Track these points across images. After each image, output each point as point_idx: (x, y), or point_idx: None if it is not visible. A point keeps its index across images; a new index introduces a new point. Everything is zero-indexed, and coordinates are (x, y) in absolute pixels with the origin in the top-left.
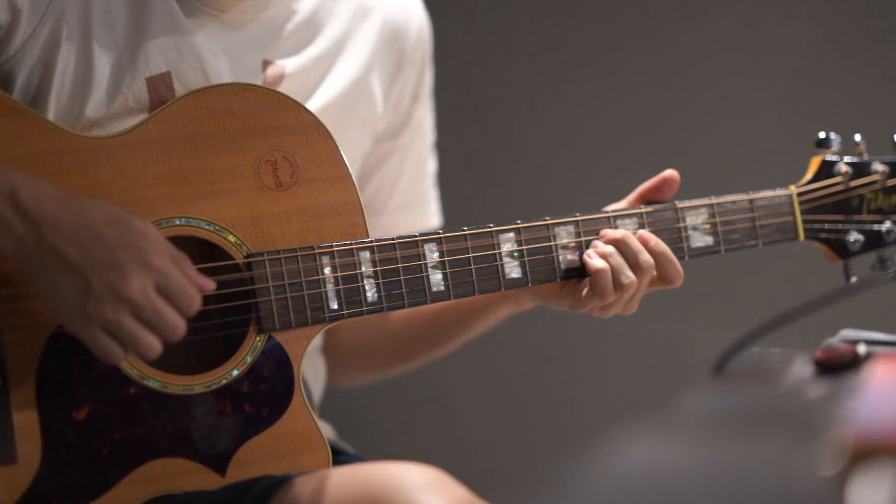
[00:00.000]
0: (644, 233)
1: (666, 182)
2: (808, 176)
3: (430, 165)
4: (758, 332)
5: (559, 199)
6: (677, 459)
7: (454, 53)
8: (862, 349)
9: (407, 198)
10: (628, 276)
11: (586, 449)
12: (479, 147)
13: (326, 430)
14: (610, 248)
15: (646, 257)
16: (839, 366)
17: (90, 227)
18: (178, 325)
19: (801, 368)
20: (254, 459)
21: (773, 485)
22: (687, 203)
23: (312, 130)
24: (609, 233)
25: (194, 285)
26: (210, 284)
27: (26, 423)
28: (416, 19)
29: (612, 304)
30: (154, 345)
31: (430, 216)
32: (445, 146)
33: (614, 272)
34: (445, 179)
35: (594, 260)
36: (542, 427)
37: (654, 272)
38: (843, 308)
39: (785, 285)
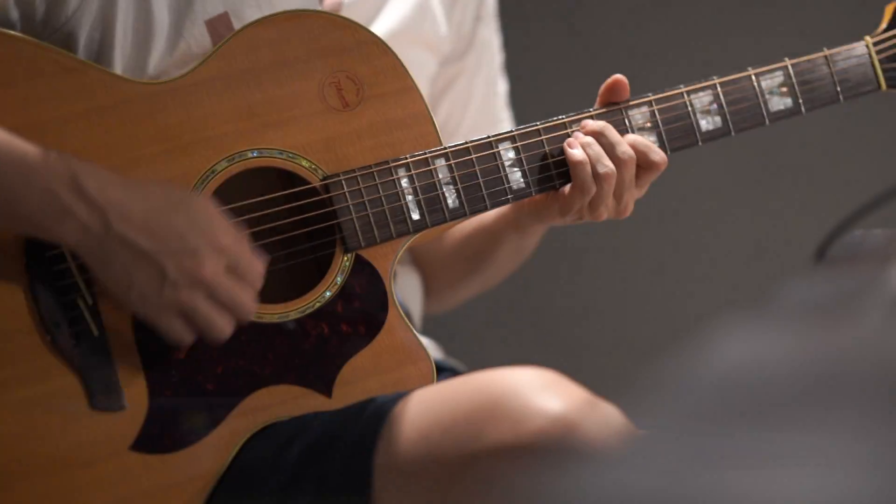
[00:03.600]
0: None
1: (617, 85)
2: (883, 25)
3: (501, 86)
4: (857, 214)
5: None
6: (780, 349)
7: None
8: None
9: (479, 120)
10: (606, 165)
11: (689, 343)
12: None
13: (433, 350)
14: (589, 139)
15: (624, 148)
16: None
17: (158, 213)
18: (251, 304)
19: None
20: (357, 378)
21: (879, 369)
22: (761, 68)
23: (371, 46)
24: (589, 124)
25: (256, 259)
26: (262, 264)
27: (129, 370)
28: None
29: (598, 202)
30: (226, 328)
31: None
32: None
33: (592, 162)
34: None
35: (574, 150)
36: (647, 323)
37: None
38: None
39: (881, 165)
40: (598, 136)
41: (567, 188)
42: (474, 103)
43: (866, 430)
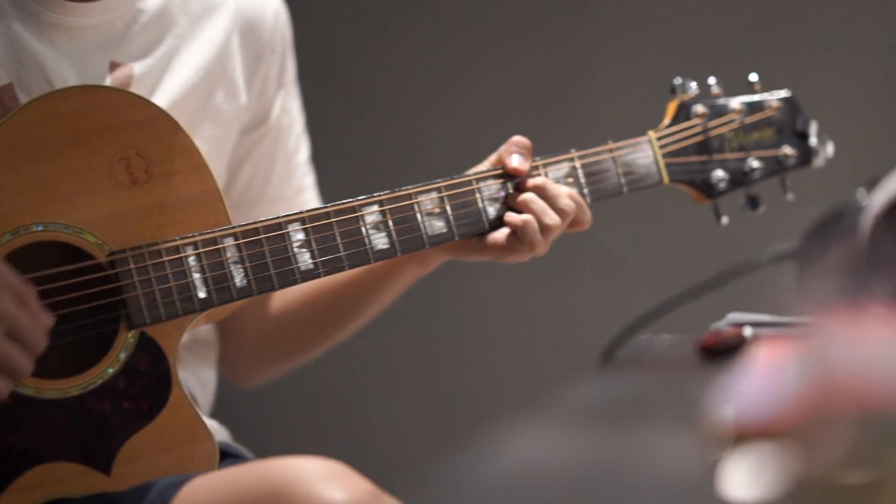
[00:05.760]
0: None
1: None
2: (666, 121)
3: (303, 152)
4: (645, 318)
5: (428, 168)
6: (561, 452)
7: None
8: (748, 332)
9: (282, 188)
10: (552, 217)
11: (472, 443)
12: (344, 126)
13: (221, 434)
14: (530, 195)
15: (566, 201)
16: (724, 350)
17: None
18: (27, 367)
19: (688, 354)
20: (138, 455)
21: (656, 474)
22: (548, 159)
23: (162, 124)
24: (530, 181)
25: (40, 323)
26: (50, 320)
27: None
28: (272, 7)
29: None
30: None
31: (307, 203)
32: (312, 128)
33: (538, 217)
34: (317, 160)
35: (516, 218)
36: (433, 418)
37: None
38: (734, 290)
39: (674, 270)
40: (540, 190)
41: (506, 240)
42: (277, 170)
43: None
